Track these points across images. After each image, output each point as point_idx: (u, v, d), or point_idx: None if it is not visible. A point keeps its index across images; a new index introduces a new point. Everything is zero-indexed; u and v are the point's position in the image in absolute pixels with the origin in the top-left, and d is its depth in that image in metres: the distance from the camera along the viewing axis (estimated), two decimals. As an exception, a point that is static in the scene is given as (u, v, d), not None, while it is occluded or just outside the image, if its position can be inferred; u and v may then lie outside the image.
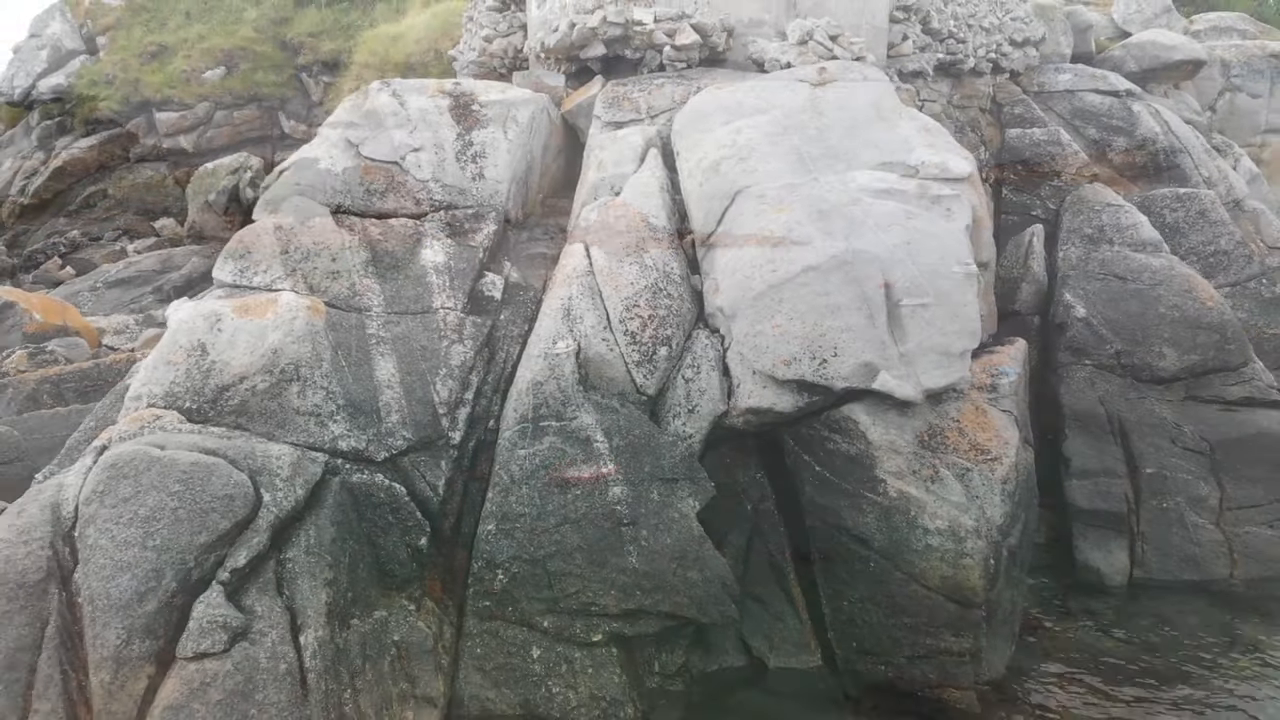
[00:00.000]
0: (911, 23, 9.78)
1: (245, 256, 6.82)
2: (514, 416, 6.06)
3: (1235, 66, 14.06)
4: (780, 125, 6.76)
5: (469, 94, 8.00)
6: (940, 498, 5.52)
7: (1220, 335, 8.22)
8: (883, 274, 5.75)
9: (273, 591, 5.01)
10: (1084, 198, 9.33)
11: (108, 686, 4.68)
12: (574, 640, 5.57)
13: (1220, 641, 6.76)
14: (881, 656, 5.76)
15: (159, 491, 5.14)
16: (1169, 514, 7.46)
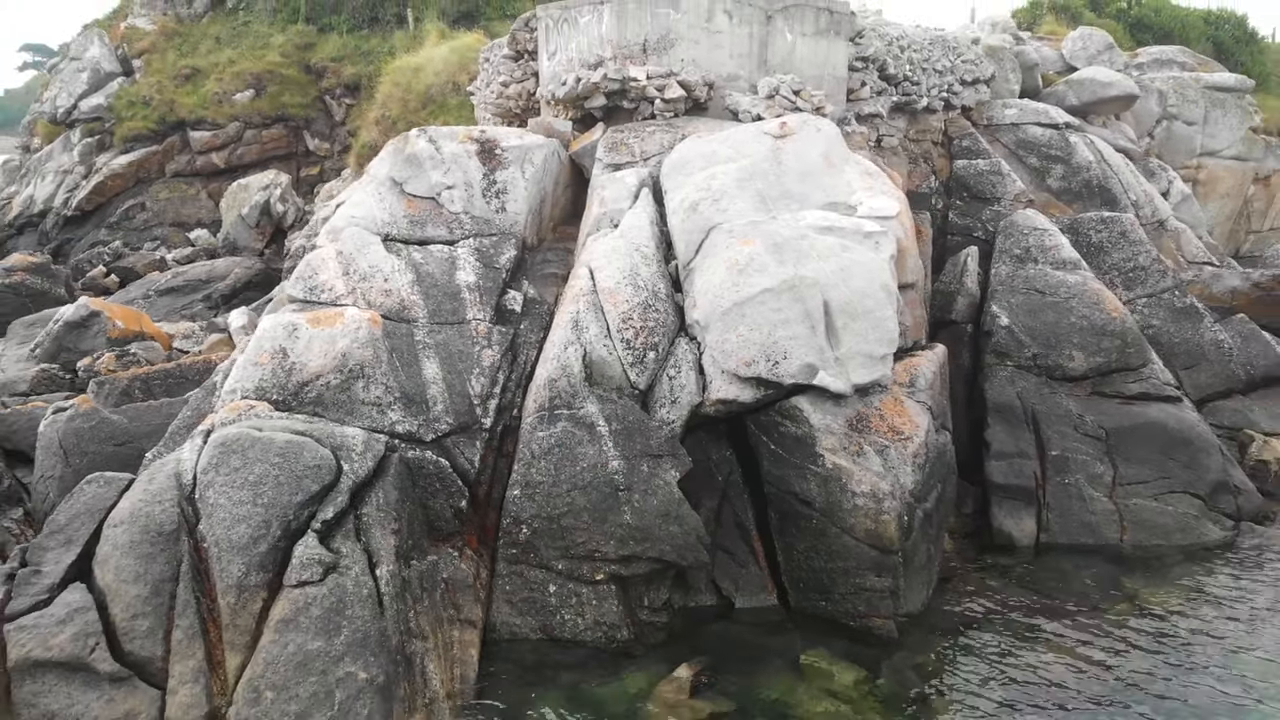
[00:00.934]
0: (869, 70, 11.35)
1: (313, 277, 8.40)
2: (533, 406, 7.64)
3: (1171, 96, 15.66)
4: (747, 172, 8.34)
5: (493, 140, 9.58)
6: (864, 468, 7.10)
7: (1122, 341, 9.82)
8: (822, 294, 7.33)
9: (353, 538, 6.58)
10: (1015, 222, 10.90)
11: (233, 607, 6.25)
12: (581, 579, 7.15)
13: (1108, 593, 8.31)
14: (822, 594, 7.35)
15: (262, 463, 6.70)
16: (1070, 489, 9.06)
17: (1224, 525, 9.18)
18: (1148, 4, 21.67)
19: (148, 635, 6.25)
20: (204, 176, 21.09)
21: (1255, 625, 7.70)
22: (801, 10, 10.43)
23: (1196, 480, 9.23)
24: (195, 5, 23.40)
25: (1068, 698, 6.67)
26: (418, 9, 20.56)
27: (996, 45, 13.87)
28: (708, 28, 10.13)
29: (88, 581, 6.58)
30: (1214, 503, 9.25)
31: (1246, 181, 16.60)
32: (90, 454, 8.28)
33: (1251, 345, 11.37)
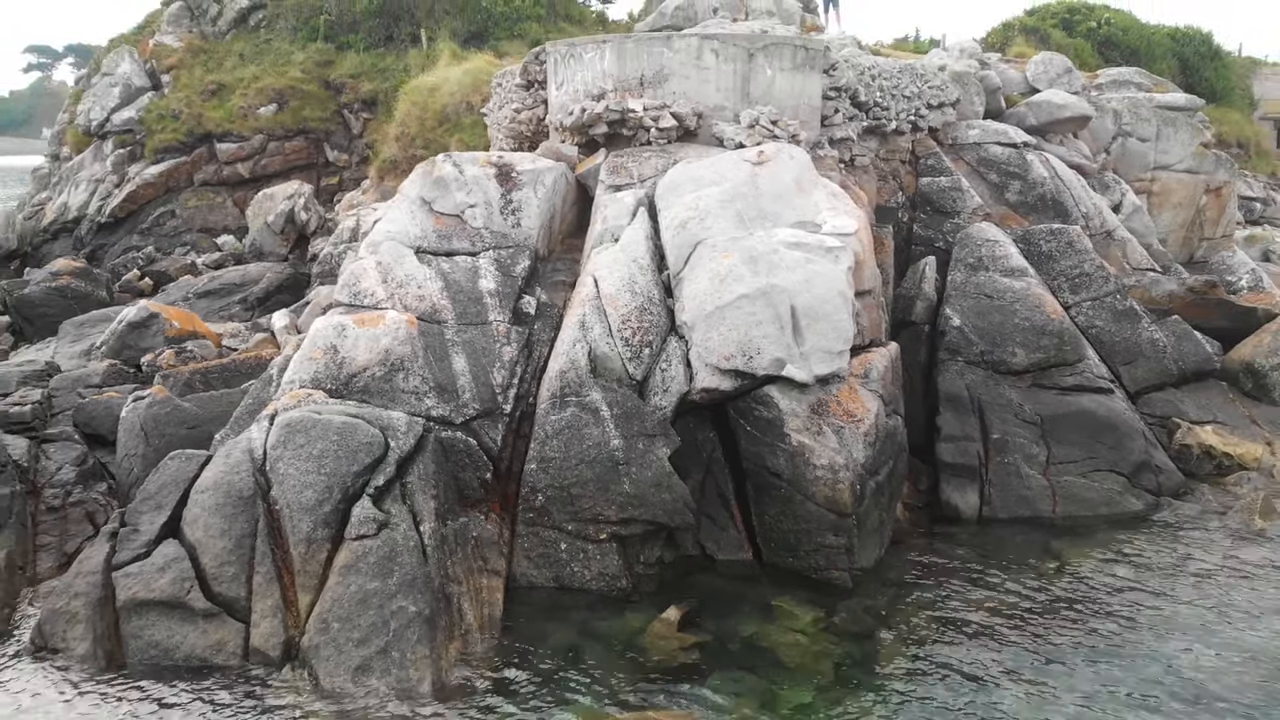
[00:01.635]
0: (842, 98, 12.72)
1: (357, 284, 9.80)
2: (546, 394, 9.03)
3: (1126, 115, 17.03)
4: (729, 194, 9.74)
5: (509, 164, 10.98)
6: (824, 445, 8.49)
7: (1060, 339, 11.21)
8: (790, 300, 8.72)
9: (400, 501, 7.98)
10: (970, 234, 12.29)
11: (303, 556, 7.64)
12: (588, 538, 8.54)
13: (1038, 555, 9.69)
14: (789, 551, 8.74)
15: (323, 440, 8.09)
16: (1009, 467, 10.45)
17: (1145, 500, 10.59)
18: (1116, 23, 23.05)
19: (233, 580, 7.64)
20: (230, 186, 22.46)
21: (1163, 580, 9.08)
22: (780, 48, 11.81)
23: (1121, 460, 10.62)
24: (219, 24, 24.79)
25: (997, 638, 8.04)
26: (430, 29, 21.94)
27: (962, 71, 15.25)
28: (697, 64, 11.52)
29: (178, 538, 7.96)
30: (1136, 480, 10.65)
31: (1198, 192, 17.92)
32: (167, 435, 9.67)
33: (1184, 344, 12.73)
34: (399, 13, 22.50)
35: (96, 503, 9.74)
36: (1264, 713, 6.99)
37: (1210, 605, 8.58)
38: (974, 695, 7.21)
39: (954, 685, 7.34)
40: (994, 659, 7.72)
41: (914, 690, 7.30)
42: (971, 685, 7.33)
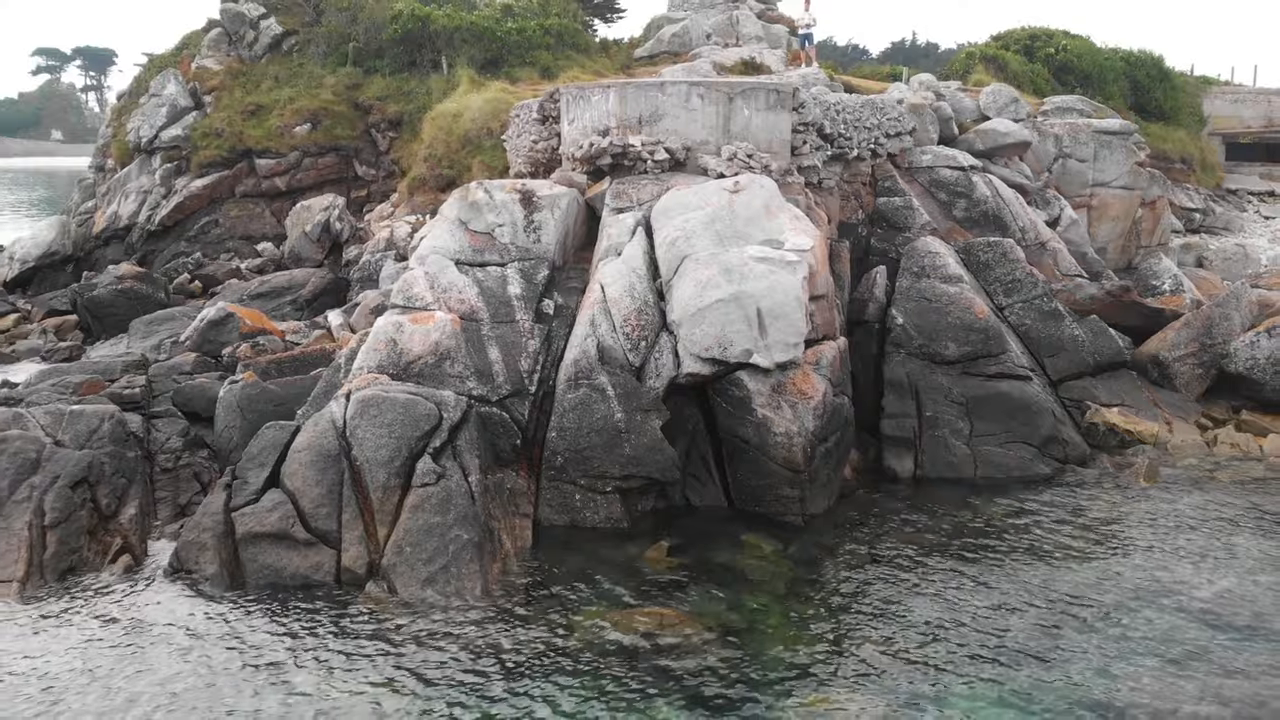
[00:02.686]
0: (809, 132, 15.03)
1: (409, 290, 12.14)
2: (564, 378, 11.36)
3: (1066, 139, 19.38)
4: (710, 217, 12.07)
5: (531, 190, 13.31)
6: (782, 417, 10.83)
7: (985, 335, 13.54)
8: (756, 304, 11.06)
9: (452, 459, 10.30)
10: (915, 247, 14.62)
11: (380, 499, 9.97)
12: (597, 490, 10.88)
13: (960, 508, 11.98)
14: (755, 500, 11.08)
15: (391, 412, 10.42)
16: (938, 439, 12.79)
17: (1052, 465, 12.93)
18: (1072, 50, 25.33)
19: (326, 517, 9.98)
20: (268, 197, 24.79)
21: (1056, 524, 11.39)
22: (755, 92, 14.14)
23: (1032, 434, 12.97)
24: (255, 48, 27.11)
25: (919, 566, 10.34)
26: (450, 56, 24.24)
27: (918, 103, 17.58)
28: (686, 106, 13.86)
29: (279, 487, 10.29)
30: (1045, 450, 13.00)
31: (1134, 206, 20.27)
32: (258, 411, 12.00)
33: (1100, 339, 15.06)
34: (421, 41, 24.79)
35: (200, 465, 12.08)
36: (1120, 614, 9.31)
37: (1089, 541, 10.92)
38: (898, 605, 9.52)
39: (882, 598, 9.67)
40: (915, 580, 10.05)
41: (850, 602, 9.63)
42: (896, 599, 9.66)
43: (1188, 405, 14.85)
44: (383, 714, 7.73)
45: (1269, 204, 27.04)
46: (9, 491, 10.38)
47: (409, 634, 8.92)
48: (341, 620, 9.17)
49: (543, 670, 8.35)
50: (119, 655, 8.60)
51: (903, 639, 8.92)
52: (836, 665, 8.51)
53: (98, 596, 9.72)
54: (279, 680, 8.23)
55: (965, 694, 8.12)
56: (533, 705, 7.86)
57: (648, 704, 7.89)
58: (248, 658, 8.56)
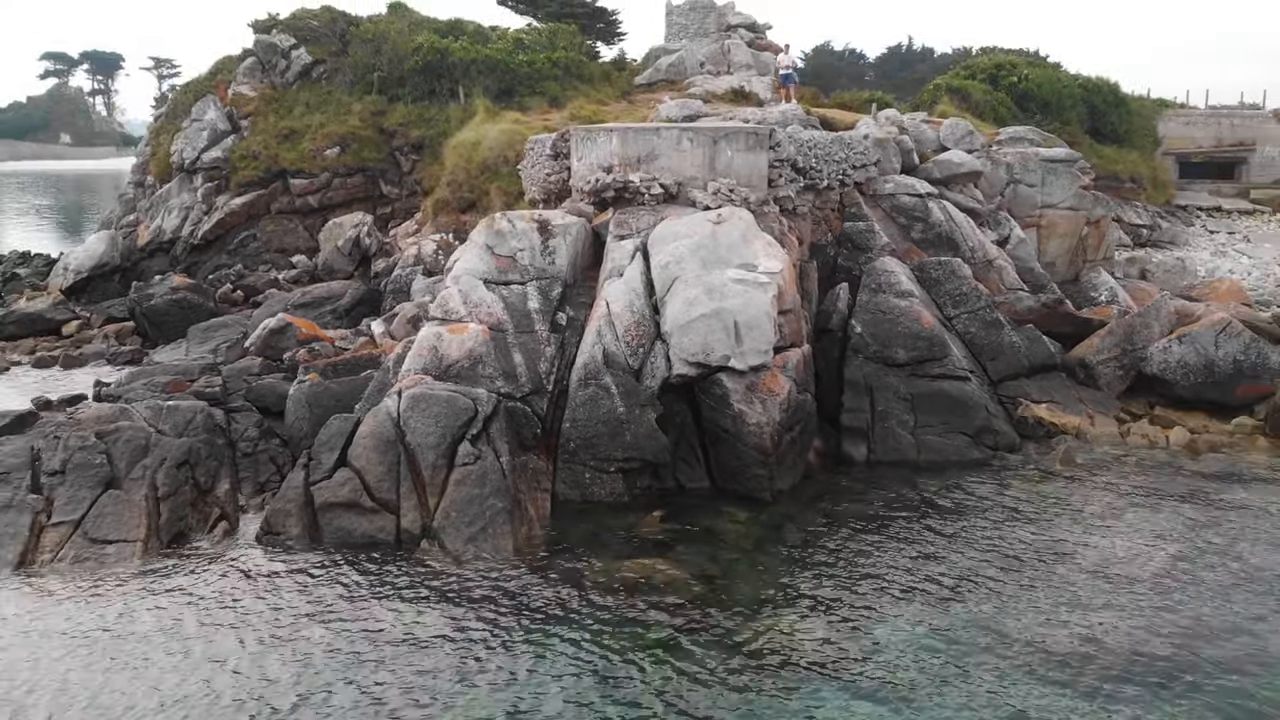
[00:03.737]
0: (784, 166, 17.49)
1: (446, 305, 14.61)
2: (575, 379, 13.83)
3: (1017, 167, 21.84)
4: (697, 245, 14.54)
5: (546, 220, 15.77)
6: (754, 410, 13.29)
7: (930, 342, 16.00)
8: (734, 318, 13.52)
9: (486, 444, 12.76)
10: (875, 266, 17.08)
11: (430, 475, 12.43)
12: (603, 470, 13.35)
13: (905, 485, 14.40)
14: (732, 479, 13.55)
15: (437, 406, 12.89)
16: (888, 429, 15.25)
17: (984, 452, 15.38)
18: (1033, 78, 27.79)
19: (387, 490, 12.44)
20: (301, 214, 27.25)
21: (982, 499, 13.83)
22: (736, 135, 16.60)
23: (967, 425, 15.43)
24: (287, 75, 29.57)
25: (867, 530, 12.75)
26: (467, 86, 26.69)
27: (883, 137, 20.04)
28: (678, 148, 16.32)
29: (348, 466, 12.73)
30: (978, 439, 15.45)
31: (1080, 225, 22.69)
32: (322, 406, 14.44)
33: (1034, 345, 17.50)
34: (440, 71, 27.23)
35: (274, 450, 14.55)
36: (1024, 567, 11.76)
37: (1007, 511, 13.38)
38: (845, 559, 11.97)
39: (832, 553, 12.12)
40: (862, 540, 12.50)
41: (806, 556, 12.08)
42: (844, 555, 12.11)
43: (1109, 402, 17.30)
44: (436, 643, 10.18)
45: (1216, 218, 29.53)
46: (126, 470, 12.87)
47: (456, 581, 11.37)
48: (402, 571, 11.62)
49: (561, 607, 10.81)
50: (228, 599, 11.06)
51: (846, 583, 11.38)
52: (790, 601, 10.97)
53: (205, 555, 12.19)
54: (353, 617, 10.65)
55: (893, 623, 10.56)
56: (554, 632, 10.32)
57: (644, 628, 10.35)
58: (327, 600, 11.01)
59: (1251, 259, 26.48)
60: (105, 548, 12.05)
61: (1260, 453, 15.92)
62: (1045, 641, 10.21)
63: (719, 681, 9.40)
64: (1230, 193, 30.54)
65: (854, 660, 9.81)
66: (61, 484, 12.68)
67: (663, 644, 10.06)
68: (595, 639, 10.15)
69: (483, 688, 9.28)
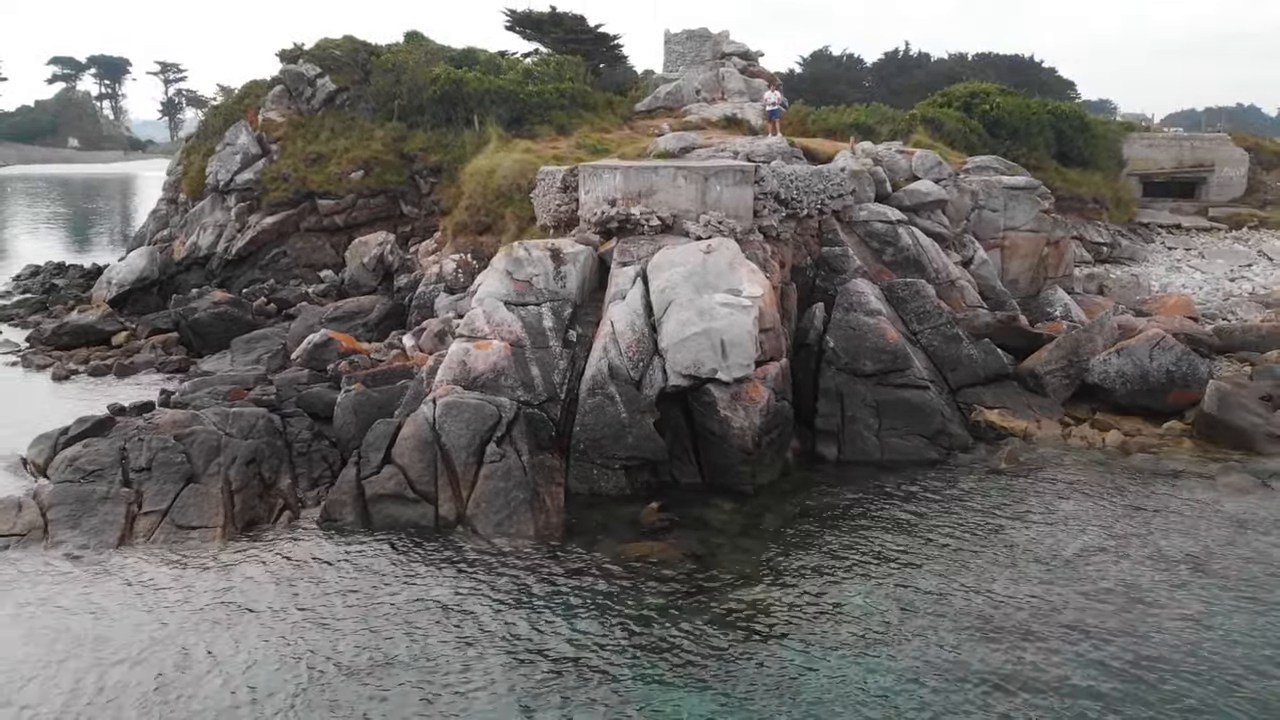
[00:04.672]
0: (768, 199, 19.76)
1: (472, 324, 16.90)
2: (584, 389, 16.10)
3: (981, 194, 24.11)
4: (689, 272, 16.82)
5: (558, 248, 18.04)
6: (738, 415, 15.56)
7: (894, 355, 18.27)
8: (721, 336, 15.80)
9: (510, 444, 15.04)
10: (847, 288, 19.34)
11: (461, 471, 14.71)
12: (609, 468, 15.62)
13: (869, 480, 16.68)
14: (720, 474, 15.83)
15: (467, 412, 15.17)
16: (856, 431, 17.52)
17: (939, 452, 17.64)
18: (1004, 106, 30.04)
19: (427, 483, 14.71)
20: (328, 232, 29.52)
21: (934, 491, 16.09)
22: (725, 173, 18.87)
23: (925, 428, 17.70)
24: (313, 102, 31.84)
25: (836, 518, 15.00)
26: (481, 115, 28.95)
27: (859, 169, 22.31)
28: (673, 184, 18.59)
29: (392, 463, 15.00)
30: (934, 440, 17.71)
31: (1041, 246, 24.97)
32: (366, 412, 16.70)
33: (989, 357, 19.78)
34: (456, 100, 29.50)
35: (324, 450, 16.81)
36: (969, 544, 14.02)
37: (953, 500, 15.64)
38: (815, 539, 14.23)
39: (804, 535, 14.39)
40: (832, 527, 14.76)
41: (781, 538, 14.34)
42: (814, 536, 14.38)
43: (1055, 408, 19.57)
44: (471, 608, 12.44)
45: (1175, 235, 31.79)
46: (203, 467, 15.14)
47: (486, 559, 13.64)
48: (440, 551, 13.88)
49: (575, 581, 13.07)
50: (301, 571, 13.33)
51: (814, 562, 13.65)
52: (766, 577, 13.24)
53: (274, 538, 14.46)
54: (403, 588, 12.90)
55: (852, 595, 12.80)
56: (569, 601, 12.58)
57: (643, 598, 12.62)
58: (380, 574, 13.27)
59: (1204, 274, 28.74)
60: (190, 533, 14.33)
61: (1184, 453, 18.17)
62: (983, 609, 12.44)
63: (705, 639, 11.66)
64: (1190, 211, 32.78)
65: (817, 624, 12.07)
66: (148, 479, 14.96)
67: (659, 609, 12.32)
68: (602, 606, 12.41)
69: (509, 641, 11.54)
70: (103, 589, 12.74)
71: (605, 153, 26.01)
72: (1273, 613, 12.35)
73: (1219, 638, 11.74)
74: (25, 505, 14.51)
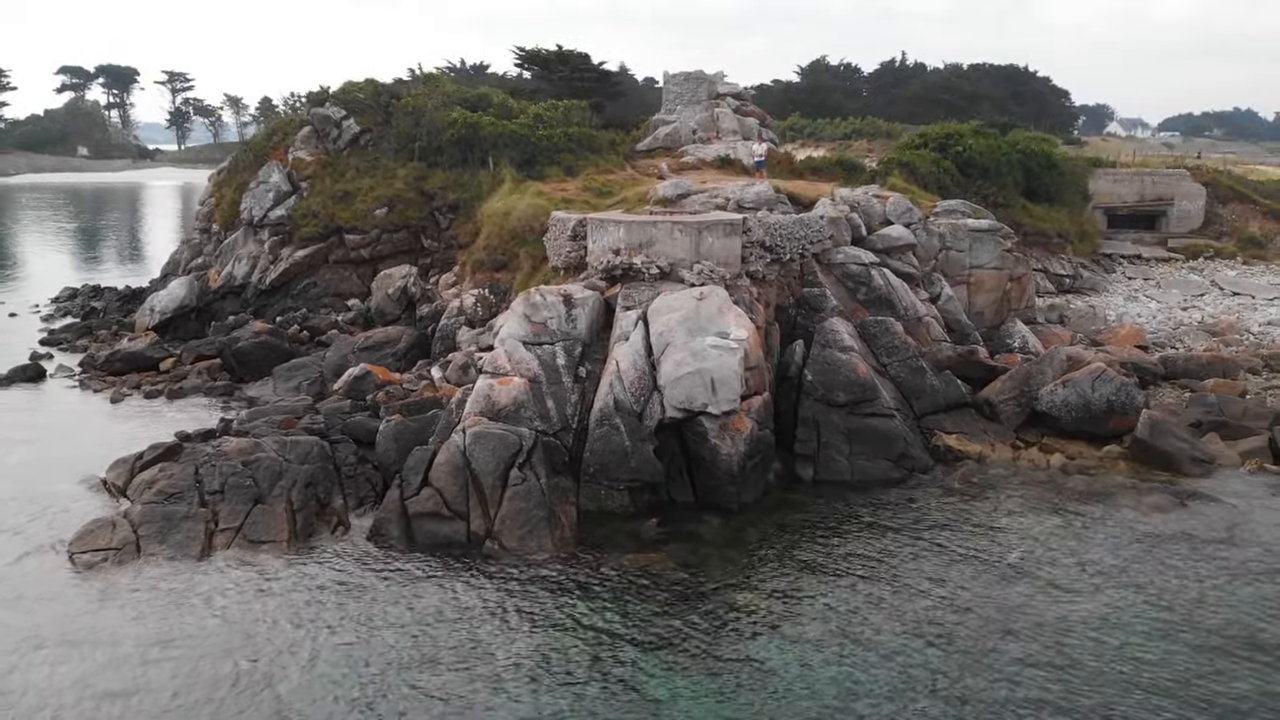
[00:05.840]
0: (755, 247, 22.36)
1: (495, 363, 19.51)
2: (593, 420, 18.69)
3: (948, 236, 26.71)
4: (684, 317, 19.42)
5: (569, 293, 20.64)
6: (725, 443, 18.13)
7: (864, 388, 20.87)
8: (711, 375, 18.39)
9: (530, 469, 17.61)
10: (824, 326, 21.92)
11: (489, 492, 17.29)
12: (614, 488, 18.20)
13: (841, 497, 19.27)
14: (710, 494, 18.41)
15: (493, 440, 17.75)
16: (830, 455, 20.11)
17: (902, 473, 20.22)
18: (975, 147, 32.65)
19: (460, 503, 17.29)
20: (355, 264, 32.11)
21: (897, 505, 18.67)
22: (716, 226, 21.46)
23: (890, 452, 20.28)
24: (339, 143, 34.45)
25: (810, 531, 17.56)
26: (495, 157, 31.57)
27: (836, 215, 24.91)
28: (670, 237, 21.19)
29: (430, 485, 17.58)
30: (899, 463, 20.30)
31: (1004, 281, 27.57)
32: (404, 440, 19.27)
33: (949, 387, 22.37)
34: (472, 143, 32.09)
35: (369, 474, 19.38)
36: (921, 552, 16.58)
37: (912, 512, 18.22)
38: (794, 550, 16.79)
39: (784, 546, 16.96)
40: (807, 541, 17.33)
41: (764, 549, 16.91)
42: (793, 547, 16.95)
43: (1008, 433, 22.14)
44: (499, 608, 15.02)
45: (1136, 265, 34.36)
46: (269, 489, 17.74)
47: (511, 568, 16.21)
48: (473, 563, 16.46)
49: (585, 586, 15.65)
50: (358, 577, 15.92)
51: (790, 570, 16.23)
52: (748, 583, 15.81)
53: (332, 551, 17.03)
54: (442, 591, 15.47)
55: (821, 597, 15.37)
56: (580, 602, 15.16)
57: (643, 601, 15.19)
58: (423, 579, 15.84)
59: (1159, 303, 31.32)
60: (261, 546, 16.91)
61: (1119, 474, 20.75)
62: (931, 609, 15.01)
63: (695, 634, 14.24)
64: (1151, 242, 35.34)
65: (791, 622, 14.63)
66: (222, 500, 17.56)
67: (656, 611, 14.90)
68: (608, 607, 14.99)
69: (530, 634, 14.12)
70: (195, 594, 15.32)
71: (610, 195, 28.61)
72: (1170, 612, 14.93)
73: (1125, 635, 14.31)
74: (119, 524, 17.09)
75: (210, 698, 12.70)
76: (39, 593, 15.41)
